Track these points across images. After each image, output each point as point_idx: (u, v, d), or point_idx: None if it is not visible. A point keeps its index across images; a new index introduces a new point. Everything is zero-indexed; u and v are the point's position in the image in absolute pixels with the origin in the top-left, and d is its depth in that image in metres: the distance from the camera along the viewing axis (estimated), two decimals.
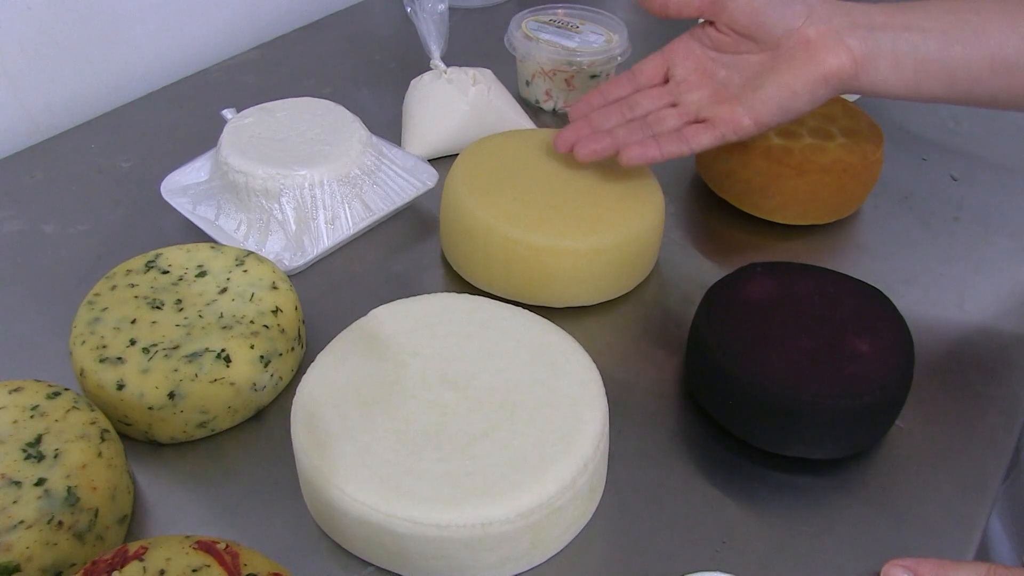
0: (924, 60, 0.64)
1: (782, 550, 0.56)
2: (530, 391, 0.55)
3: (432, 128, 0.86)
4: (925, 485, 0.60)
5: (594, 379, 0.56)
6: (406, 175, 0.79)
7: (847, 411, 0.56)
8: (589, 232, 0.67)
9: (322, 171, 0.73)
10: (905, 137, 0.95)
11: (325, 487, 0.51)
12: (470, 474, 0.51)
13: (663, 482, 0.59)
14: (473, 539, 0.49)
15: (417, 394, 0.55)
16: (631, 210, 0.70)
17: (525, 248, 0.67)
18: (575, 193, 0.70)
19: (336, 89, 0.97)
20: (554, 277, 0.68)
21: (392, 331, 0.60)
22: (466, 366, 0.57)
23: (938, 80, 0.65)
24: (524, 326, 0.60)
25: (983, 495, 0.60)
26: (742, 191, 0.80)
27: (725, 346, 0.59)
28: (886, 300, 0.63)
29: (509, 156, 0.74)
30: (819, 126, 0.81)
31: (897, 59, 0.65)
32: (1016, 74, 0.64)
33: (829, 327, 0.60)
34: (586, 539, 0.56)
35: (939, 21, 0.64)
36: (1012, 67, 0.63)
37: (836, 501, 0.59)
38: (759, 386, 0.57)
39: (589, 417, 0.54)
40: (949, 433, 0.64)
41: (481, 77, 0.88)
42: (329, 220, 0.73)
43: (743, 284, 0.64)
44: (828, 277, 0.65)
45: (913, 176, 0.90)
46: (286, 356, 0.63)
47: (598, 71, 0.92)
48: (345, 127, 0.78)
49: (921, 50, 0.64)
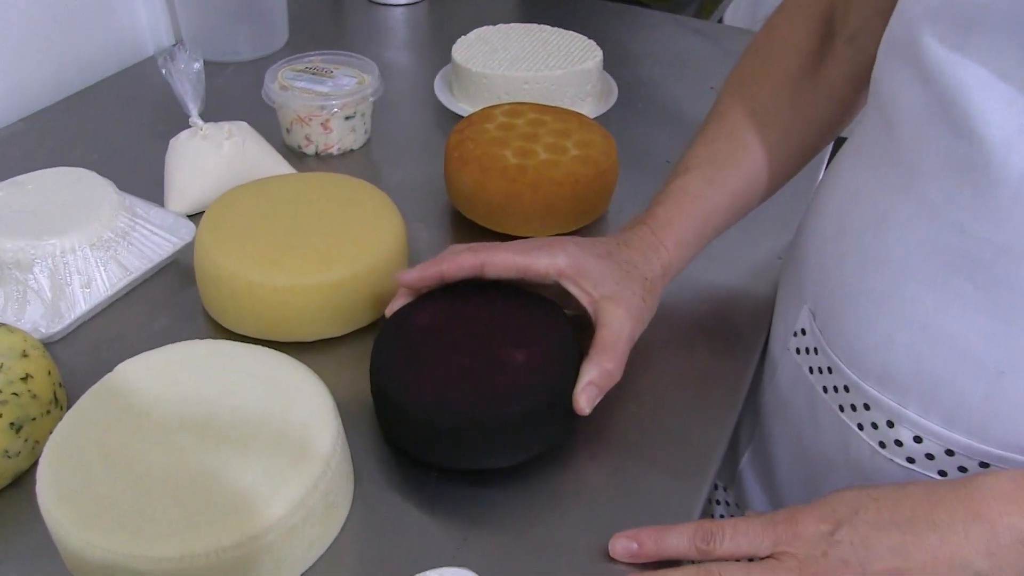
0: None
1: (520, 537, 0.61)
2: (264, 422, 0.59)
3: (191, 184, 0.89)
4: (651, 464, 0.66)
5: (325, 404, 0.61)
6: (164, 233, 0.82)
7: (500, 420, 0.60)
8: (326, 267, 0.71)
9: (73, 238, 0.75)
10: (649, 144, 1.03)
11: (68, 539, 0.54)
12: (204, 508, 0.54)
13: (409, 495, 0.64)
14: (211, 568, 0.53)
15: (159, 440, 0.58)
16: (370, 241, 0.74)
17: (266, 290, 0.70)
18: (318, 231, 0.75)
19: (103, 155, 0.99)
20: (299, 314, 0.72)
21: (136, 383, 0.62)
22: (205, 407, 0.60)
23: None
24: (261, 362, 0.64)
25: (704, 468, 0.67)
26: (486, 211, 0.86)
27: (385, 369, 0.63)
28: (556, 309, 0.67)
29: (256, 203, 0.78)
30: (554, 142, 0.87)
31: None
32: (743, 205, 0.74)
33: (490, 343, 0.64)
34: (333, 556, 0.60)
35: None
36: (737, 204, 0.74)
37: (567, 489, 0.65)
38: (412, 404, 0.60)
39: (319, 439, 0.58)
40: (676, 413, 0.71)
41: (236, 130, 0.91)
42: (84, 284, 0.76)
43: (417, 310, 0.67)
44: (502, 292, 0.68)
45: (658, 177, 0.98)
46: (41, 420, 0.64)
47: (351, 112, 0.97)
48: (95, 192, 0.80)
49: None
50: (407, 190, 0.94)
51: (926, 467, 0.59)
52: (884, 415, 0.61)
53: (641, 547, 0.58)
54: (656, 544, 0.57)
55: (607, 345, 0.64)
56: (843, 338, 0.63)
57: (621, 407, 0.70)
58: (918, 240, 0.56)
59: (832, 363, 0.64)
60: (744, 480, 0.82)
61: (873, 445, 0.62)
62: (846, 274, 0.62)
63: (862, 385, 0.61)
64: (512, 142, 0.87)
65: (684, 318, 0.80)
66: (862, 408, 0.62)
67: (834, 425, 0.65)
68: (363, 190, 0.81)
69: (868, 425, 0.62)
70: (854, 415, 0.63)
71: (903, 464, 0.60)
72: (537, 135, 0.88)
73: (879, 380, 0.60)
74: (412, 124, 1.10)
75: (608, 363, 0.64)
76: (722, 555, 0.54)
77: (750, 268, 0.86)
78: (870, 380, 0.61)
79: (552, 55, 1.07)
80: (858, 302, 0.61)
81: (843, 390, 0.64)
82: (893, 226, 0.58)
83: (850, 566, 0.50)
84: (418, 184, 0.96)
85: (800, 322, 0.69)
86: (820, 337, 0.65)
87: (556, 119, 0.91)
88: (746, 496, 0.82)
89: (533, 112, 0.92)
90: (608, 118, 1.08)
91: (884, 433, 0.61)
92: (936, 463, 0.59)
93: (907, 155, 0.56)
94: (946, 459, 0.58)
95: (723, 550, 0.54)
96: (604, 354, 0.64)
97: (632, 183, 0.95)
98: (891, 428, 0.60)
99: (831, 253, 0.64)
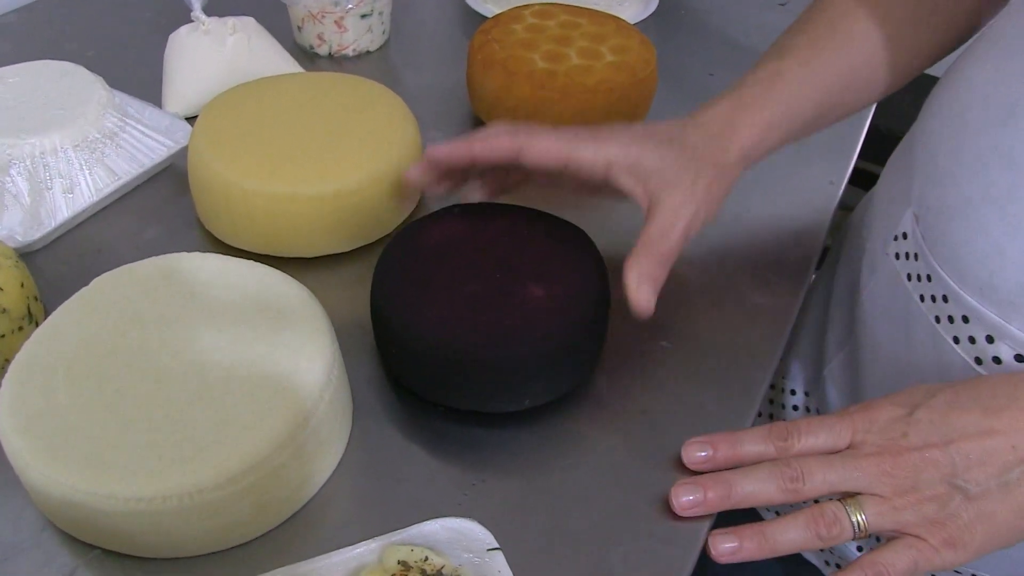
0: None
1: (531, 484, 0.55)
2: (251, 347, 0.53)
3: (190, 83, 0.81)
4: (680, 405, 0.60)
5: (321, 329, 0.54)
6: (157, 135, 0.75)
7: (508, 362, 0.53)
8: (330, 176, 0.64)
9: (54, 137, 0.68)
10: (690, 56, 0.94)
11: (27, 470, 0.48)
12: (178, 442, 0.48)
13: (413, 434, 0.57)
14: (185, 510, 0.47)
15: (133, 363, 0.52)
16: (379, 149, 0.67)
17: (263, 199, 0.63)
18: (323, 136, 0.67)
19: (100, 52, 0.92)
20: (299, 227, 0.65)
21: (113, 299, 0.56)
22: (187, 328, 0.54)
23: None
24: (253, 280, 0.57)
25: (743, 412, 0.60)
26: (510, 119, 0.78)
27: (386, 293, 0.56)
28: (586, 240, 0.60)
29: (256, 105, 0.70)
30: (588, 46, 0.79)
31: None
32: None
33: (508, 272, 0.57)
34: (322, 501, 0.54)
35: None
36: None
37: (585, 432, 0.58)
38: (413, 335, 0.54)
39: (308, 368, 0.51)
40: (712, 350, 0.64)
41: (240, 26, 0.84)
42: (67, 189, 0.69)
43: (428, 228, 0.60)
44: (527, 217, 0.61)
45: (699, 91, 0.90)
46: (11, 337, 0.58)
47: (368, 9, 0.89)
48: (83, 89, 0.73)
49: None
50: (426, 96, 0.87)
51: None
52: (984, 329, 0.55)
53: (716, 450, 0.54)
54: (732, 447, 0.53)
55: (653, 239, 0.56)
56: (948, 244, 0.58)
57: (652, 342, 0.63)
58: None
59: (932, 270, 0.59)
60: (826, 387, 0.78)
61: (968, 360, 0.57)
62: (961, 174, 0.57)
63: (963, 296, 0.56)
64: (542, 45, 0.79)
65: (723, 248, 0.72)
66: (960, 320, 0.57)
67: (928, 337, 0.60)
68: (376, 93, 0.73)
69: (965, 339, 0.57)
70: (951, 327, 0.58)
71: None
72: (569, 38, 0.80)
73: (982, 291, 0.55)
74: (434, 24, 1.01)
75: (647, 262, 0.55)
76: (801, 451, 0.51)
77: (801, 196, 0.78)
78: (972, 291, 0.56)
79: None
80: (970, 205, 0.55)
81: (941, 300, 0.58)
82: (1021, 127, 0.52)
83: (933, 445, 0.49)
84: (438, 89, 0.89)
85: (903, 225, 0.63)
86: (922, 242, 0.60)
87: (591, 22, 0.83)
88: (826, 404, 0.78)
89: (566, 14, 0.84)
90: (648, 25, 0.99)
91: (982, 349, 0.56)
92: None
93: None
94: None
95: (802, 445, 0.51)
96: (647, 249, 0.56)
97: (671, 96, 0.87)
98: (990, 344, 0.55)
99: (947, 152, 0.59)
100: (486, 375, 0.54)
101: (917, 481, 0.48)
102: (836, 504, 0.49)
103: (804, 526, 0.49)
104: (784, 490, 0.50)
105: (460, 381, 0.54)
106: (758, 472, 0.51)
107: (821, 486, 0.50)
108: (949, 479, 0.48)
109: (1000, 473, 0.48)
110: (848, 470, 0.50)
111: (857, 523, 0.48)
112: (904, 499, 0.49)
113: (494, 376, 0.54)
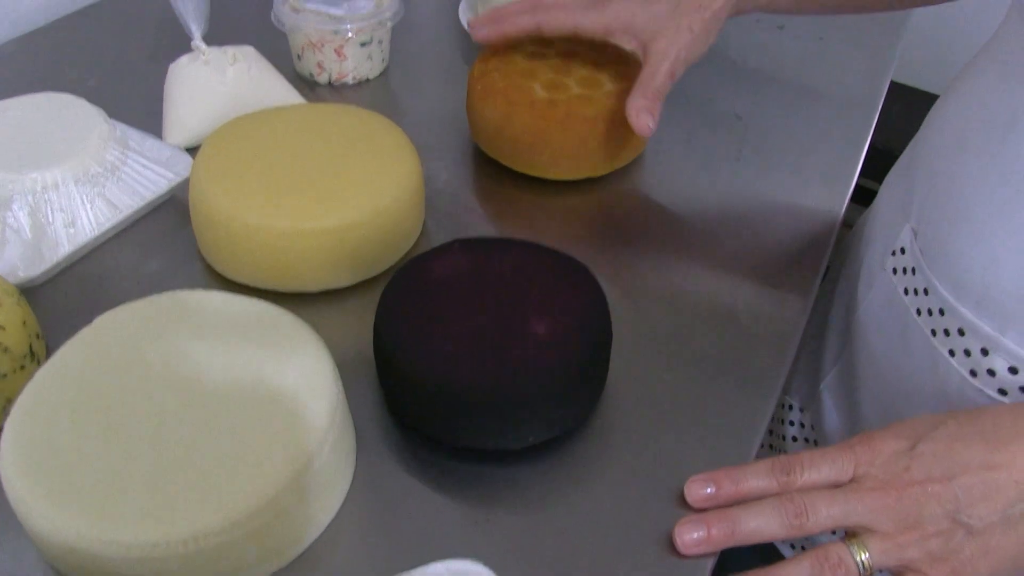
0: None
1: (539, 520, 0.54)
2: (254, 388, 0.52)
3: (192, 114, 0.81)
4: (685, 436, 0.60)
5: (324, 368, 0.54)
6: (158, 167, 0.75)
7: (510, 400, 0.53)
8: (332, 210, 0.64)
9: (56, 171, 0.68)
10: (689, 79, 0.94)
11: (30, 516, 0.48)
12: (182, 487, 0.48)
13: (417, 471, 0.57)
14: (189, 556, 0.47)
15: (136, 404, 0.52)
16: (381, 183, 0.67)
17: (266, 234, 0.63)
18: (325, 169, 0.67)
19: (101, 80, 0.92)
20: (302, 262, 0.65)
21: (116, 338, 0.56)
22: (190, 367, 0.54)
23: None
24: (256, 317, 0.57)
25: (746, 440, 0.60)
26: (512, 150, 0.78)
27: (390, 330, 0.56)
28: (587, 275, 0.60)
29: (257, 137, 0.70)
30: (588, 75, 0.79)
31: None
32: None
33: (511, 308, 0.57)
34: (327, 542, 0.53)
35: None
36: None
37: (591, 466, 0.58)
38: (414, 373, 0.54)
39: (311, 409, 0.51)
40: (714, 380, 0.64)
41: (241, 55, 0.84)
42: (68, 223, 0.69)
43: (430, 263, 0.60)
44: (528, 252, 0.61)
45: (697, 117, 0.90)
46: (13, 376, 0.58)
47: (367, 38, 0.89)
48: (84, 122, 0.73)
49: None
50: (426, 124, 0.87)
51: (1019, 400, 0.56)
52: (979, 342, 0.57)
53: (719, 488, 0.53)
54: (735, 483, 0.53)
55: (644, 81, 0.71)
56: (945, 257, 0.60)
57: (655, 373, 0.63)
58: None
59: (929, 284, 0.61)
60: (822, 401, 0.79)
61: (964, 373, 0.59)
62: (960, 186, 0.58)
63: (959, 308, 0.58)
64: (541, 74, 0.79)
65: (725, 273, 0.72)
66: (956, 333, 0.59)
67: (925, 350, 0.62)
68: (377, 124, 0.73)
69: (960, 352, 0.59)
70: (947, 340, 0.60)
71: (993, 395, 0.58)
72: (569, 67, 0.80)
73: (978, 304, 0.57)
74: (434, 51, 1.01)
75: (641, 98, 0.70)
76: (804, 485, 0.52)
77: (801, 221, 0.78)
78: (968, 303, 0.58)
79: None
80: (968, 217, 0.57)
81: (938, 313, 0.60)
82: (1019, 144, 0.54)
83: (936, 479, 0.49)
84: (439, 118, 0.88)
85: (900, 241, 0.65)
86: (920, 256, 0.62)
87: (591, 49, 0.82)
88: (823, 418, 0.79)
89: (565, 41, 0.84)
90: None
91: (977, 361, 0.58)
92: None
93: None
94: None
95: (804, 479, 0.52)
96: (640, 88, 0.71)
97: (672, 122, 0.87)
98: (985, 356, 0.57)
99: (946, 165, 0.61)
100: (489, 413, 0.54)
101: (920, 516, 0.48)
102: (840, 545, 0.49)
103: (809, 569, 0.48)
104: (788, 526, 0.50)
105: (464, 419, 0.54)
106: (762, 508, 0.51)
107: (825, 521, 0.50)
108: (952, 514, 0.48)
109: (1003, 508, 0.48)
110: (851, 504, 0.50)
111: (861, 563, 0.49)
112: (908, 535, 0.49)
113: (497, 414, 0.54)
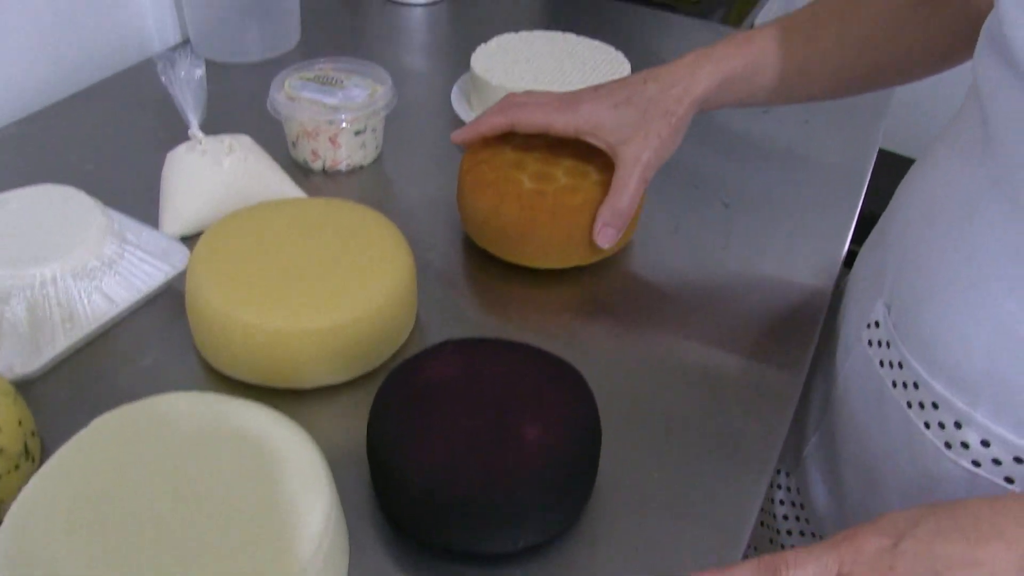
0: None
1: None
2: (251, 494, 0.53)
3: (188, 204, 0.83)
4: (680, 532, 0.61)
5: (318, 475, 0.55)
6: (154, 260, 0.76)
7: (500, 504, 0.54)
8: (327, 310, 0.65)
9: (55, 266, 0.69)
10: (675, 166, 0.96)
11: None
12: None
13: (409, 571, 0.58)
14: None
15: (130, 512, 0.53)
16: (375, 282, 0.68)
17: (262, 334, 0.65)
18: (319, 267, 0.69)
19: (99, 164, 0.93)
20: (296, 360, 0.66)
21: (111, 443, 0.57)
22: (185, 473, 0.55)
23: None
24: (250, 421, 0.58)
25: (740, 527, 0.61)
26: (501, 241, 0.80)
27: (382, 433, 0.57)
28: (578, 378, 0.61)
29: (253, 234, 0.72)
30: (575, 165, 0.81)
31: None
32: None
33: (502, 411, 0.58)
34: None
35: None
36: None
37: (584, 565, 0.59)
38: (407, 478, 0.55)
39: (305, 517, 0.52)
40: (702, 475, 0.65)
41: (237, 144, 0.85)
42: (66, 318, 0.70)
43: (422, 365, 0.61)
44: (520, 354, 0.62)
45: (684, 205, 0.92)
46: (8, 477, 0.59)
47: (361, 126, 0.91)
48: (83, 215, 0.74)
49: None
50: (419, 211, 0.89)
51: (992, 472, 0.58)
52: (952, 415, 0.59)
53: None
54: None
55: (618, 186, 0.74)
56: (917, 333, 0.62)
57: (643, 472, 0.64)
58: (1007, 241, 0.54)
59: (903, 358, 0.63)
60: (807, 467, 0.80)
61: (939, 445, 0.60)
62: (929, 267, 0.60)
63: (932, 383, 0.60)
64: (529, 165, 0.81)
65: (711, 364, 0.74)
66: (930, 407, 0.61)
67: (900, 421, 0.64)
68: (371, 220, 0.74)
69: (935, 424, 0.60)
70: (921, 413, 0.61)
71: (968, 467, 0.59)
72: (557, 157, 0.82)
73: (950, 379, 0.59)
74: (427, 136, 1.03)
75: (619, 202, 0.74)
76: None
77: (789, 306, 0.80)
78: (941, 379, 0.59)
79: (577, 67, 1.00)
80: (937, 297, 0.59)
81: (912, 386, 0.62)
82: (982, 224, 0.56)
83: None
84: (431, 205, 0.90)
85: (875, 314, 0.67)
86: (893, 331, 0.64)
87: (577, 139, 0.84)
88: (808, 484, 0.80)
89: None
90: None
91: (951, 434, 0.59)
92: (1003, 469, 0.57)
93: (1001, 153, 0.54)
94: (1014, 466, 0.57)
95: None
96: (615, 195, 0.74)
97: (660, 209, 0.89)
98: (958, 429, 0.59)
99: (915, 244, 0.63)
100: (480, 518, 0.54)
101: None
102: None
103: None
104: None
105: (455, 522, 0.55)
106: None
107: None
108: None
109: None
110: None
111: None
112: None
113: (488, 519, 0.55)
